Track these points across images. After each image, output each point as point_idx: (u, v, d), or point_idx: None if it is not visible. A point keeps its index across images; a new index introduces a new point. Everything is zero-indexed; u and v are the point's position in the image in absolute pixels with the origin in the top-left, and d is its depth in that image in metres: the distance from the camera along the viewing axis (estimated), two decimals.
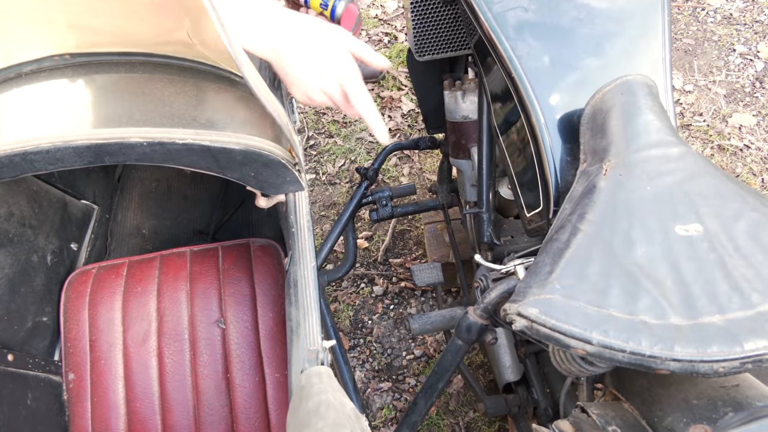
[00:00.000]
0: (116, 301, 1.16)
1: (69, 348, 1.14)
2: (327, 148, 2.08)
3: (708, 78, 2.07)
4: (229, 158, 0.84)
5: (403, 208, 1.54)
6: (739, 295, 0.66)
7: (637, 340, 0.63)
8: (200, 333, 1.14)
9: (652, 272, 0.69)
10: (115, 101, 0.87)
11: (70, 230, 1.30)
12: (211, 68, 0.94)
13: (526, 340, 1.16)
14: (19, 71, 0.92)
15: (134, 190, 1.56)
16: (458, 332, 0.95)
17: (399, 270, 1.75)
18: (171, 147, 0.81)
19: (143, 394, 1.11)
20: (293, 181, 0.91)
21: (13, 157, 0.78)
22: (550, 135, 0.91)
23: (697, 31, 2.22)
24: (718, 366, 0.62)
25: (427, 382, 1.01)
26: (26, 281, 1.11)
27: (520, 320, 0.69)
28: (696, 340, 0.63)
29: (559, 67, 0.91)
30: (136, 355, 1.13)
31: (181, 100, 0.89)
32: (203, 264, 1.20)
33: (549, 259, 0.74)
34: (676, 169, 0.76)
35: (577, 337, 0.65)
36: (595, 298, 0.68)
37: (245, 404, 1.10)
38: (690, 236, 0.71)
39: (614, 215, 0.74)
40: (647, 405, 0.75)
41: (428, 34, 1.28)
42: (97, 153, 0.79)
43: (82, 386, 1.12)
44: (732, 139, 1.88)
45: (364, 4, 2.58)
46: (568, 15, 0.92)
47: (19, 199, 1.15)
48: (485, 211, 1.22)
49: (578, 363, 0.76)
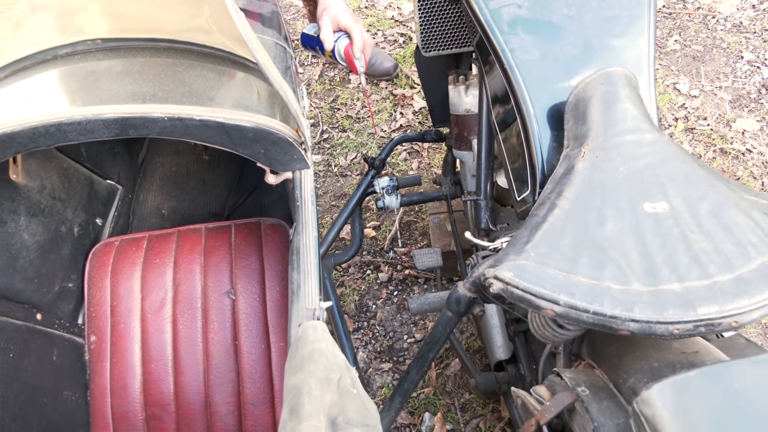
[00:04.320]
0: (136, 271, 1.25)
1: (92, 312, 1.23)
2: (340, 141, 2.16)
3: (714, 84, 2.11)
4: (242, 135, 0.93)
5: (408, 198, 1.62)
6: (697, 266, 0.72)
7: (600, 302, 0.70)
8: (212, 302, 1.22)
9: (619, 244, 0.75)
10: (140, 81, 0.96)
11: (95, 206, 1.40)
12: (227, 54, 1.03)
13: (515, 319, 1.23)
14: (56, 53, 1.02)
15: (156, 174, 1.66)
16: (448, 304, 1.02)
17: (404, 258, 1.82)
18: (189, 122, 0.89)
19: (158, 357, 1.19)
20: (299, 159, 0.99)
21: (49, 127, 0.87)
22: (538, 123, 0.98)
23: (706, 38, 2.26)
24: (673, 328, 0.68)
25: (420, 352, 1.08)
26: (55, 249, 1.21)
27: (496, 283, 0.76)
28: (654, 304, 0.69)
29: (549, 60, 0.98)
30: (153, 321, 1.21)
31: (199, 82, 0.98)
32: (217, 240, 1.29)
33: (527, 232, 0.81)
34: (648, 154, 0.83)
35: (546, 298, 0.72)
36: (565, 265, 0.74)
37: (251, 369, 1.18)
38: (657, 213, 0.77)
39: (589, 193, 0.81)
40: (615, 369, 0.81)
41: (434, 31, 1.36)
42: (123, 126, 0.88)
43: (102, 348, 1.21)
44: (734, 143, 1.92)
45: (381, 6, 2.67)
46: (559, 12, 0.99)
47: (51, 174, 1.25)
48: (483, 199, 1.28)
49: (552, 327, 0.83)
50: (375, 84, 2.35)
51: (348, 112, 2.26)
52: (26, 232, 1.14)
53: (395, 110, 2.24)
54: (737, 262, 0.72)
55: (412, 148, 2.11)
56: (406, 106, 2.24)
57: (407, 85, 2.31)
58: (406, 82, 2.31)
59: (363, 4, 2.70)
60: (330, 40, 1.21)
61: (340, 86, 2.37)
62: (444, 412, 1.51)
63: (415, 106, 2.24)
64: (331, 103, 2.31)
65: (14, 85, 0.98)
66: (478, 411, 1.50)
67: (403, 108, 2.24)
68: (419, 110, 2.23)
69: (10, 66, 1.00)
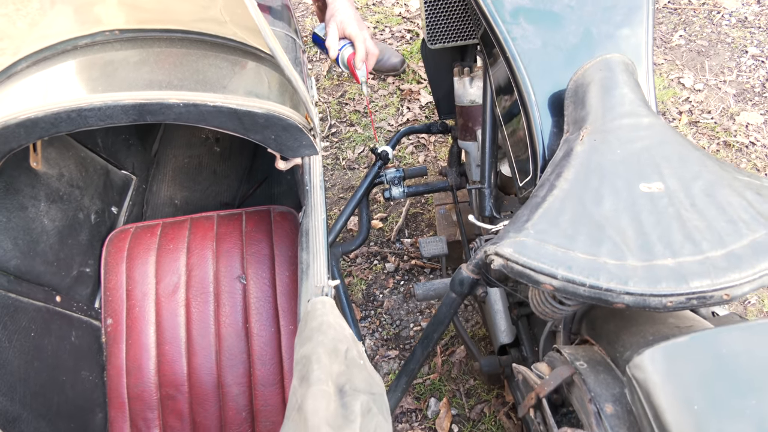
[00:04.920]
0: (151, 257, 1.30)
1: (108, 296, 1.28)
2: (348, 135, 2.20)
3: (719, 78, 2.13)
4: (253, 121, 0.96)
5: (415, 188, 1.65)
6: (691, 242, 0.75)
7: (596, 276, 0.73)
8: (224, 287, 1.26)
9: (615, 222, 0.78)
10: (156, 70, 1.00)
11: (111, 195, 1.44)
12: (239, 44, 1.07)
13: (518, 303, 1.26)
14: (76, 44, 1.06)
15: (168, 165, 1.70)
16: (452, 286, 1.05)
17: (410, 249, 1.85)
18: (203, 108, 0.93)
19: (172, 339, 1.23)
20: (309, 145, 1.03)
21: (71, 112, 0.91)
22: (539, 110, 1.01)
23: (711, 33, 2.28)
24: (666, 300, 0.71)
25: (424, 332, 1.11)
26: (73, 234, 1.26)
27: (497, 259, 0.79)
28: (648, 277, 0.72)
29: (550, 49, 1.01)
30: (167, 305, 1.26)
31: (213, 71, 1.02)
32: (228, 227, 1.33)
33: (527, 211, 0.84)
34: (645, 136, 0.86)
35: (545, 273, 0.75)
36: (563, 241, 0.78)
37: (262, 351, 1.22)
38: (652, 193, 0.80)
39: (587, 174, 0.84)
40: (612, 345, 0.84)
41: (439, 24, 1.39)
42: (141, 111, 0.92)
43: (118, 330, 1.25)
44: (738, 136, 1.94)
45: (389, 3, 2.70)
46: (560, 2, 1.02)
47: (69, 163, 1.30)
48: (487, 187, 1.32)
49: (551, 304, 0.86)
50: (383, 79, 2.38)
51: (356, 107, 2.30)
52: (46, 218, 1.18)
53: (402, 105, 2.27)
54: (729, 238, 0.74)
55: (418, 142, 2.14)
56: (413, 100, 2.28)
57: (414, 81, 2.34)
58: (413, 78, 2.35)
59: (371, 2, 2.73)
60: (334, 48, 1.24)
61: (348, 81, 2.41)
62: (449, 398, 1.54)
63: (421, 100, 2.27)
64: (339, 98, 2.34)
65: (36, 75, 1.02)
66: (483, 396, 1.53)
67: (410, 103, 2.27)
68: (426, 105, 2.26)
69: (32, 56, 1.04)
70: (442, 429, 1.49)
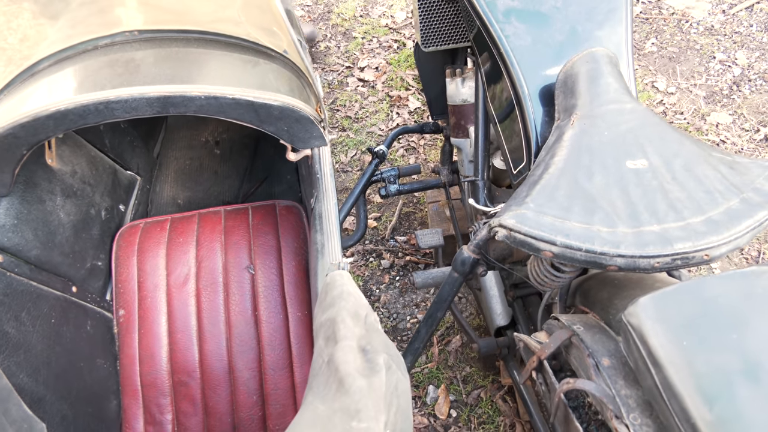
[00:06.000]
0: (161, 250, 1.35)
1: (120, 288, 1.32)
2: (340, 140, 2.27)
3: (690, 82, 2.26)
4: (268, 113, 1.03)
5: (409, 186, 1.73)
6: (673, 211, 0.84)
7: (591, 241, 0.82)
8: (233, 277, 1.32)
9: (606, 195, 0.87)
10: (176, 67, 1.06)
11: (119, 194, 1.49)
12: (252, 44, 1.14)
13: (514, 284, 1.34)
14: (96, 44, 1.12)
15: (170, 166, 1.75)
16: (454, 266, 1.13)
17: (405, 246, 1.92)
18: (223, 101, 1.00)
19: (183, 327, 1.28)
20: (318, 137, 1.10)
21: (98, 104, 0.97)
22: (532, 101, 1.10)
23: (681, 41, 2.42)
24: (654, 261, 0.80)
25: (428, 312, 1.18)
26: (86, 229, 1.30)
27: (501, 230, 0.87)
28: (637, 242, 0.81)
29: (540, 45, 1.10)
30: (178, 295, 1.31)
31: (229, 68, 1.09)
32: (236, 220, 1.39)
33: (526, 188, 0.92)
34: (629, 120, 0.95)
35: (545, 240, 0.83)
36: (560, 213, 0.86)
37: (271, 337, 1.27)
38: (637, 168, 0.89)
39: (579, 154, 0.93)
40: (605, 310, 0.92)
41: (432, 29, 1.48)
42: (164, 103, 0.99)
43: (130, 320, 1.29)
44: (710, 134, 2.06)
45: (375, 15, 2.80)
46: (547, 3, 1.12)
47: (81, 161, 1.35)
48: (480, 179, 1.40)
49: (550, 272, 0.94)
50: (373, 87, 2.47)
51: (347, 113, 2.38)
52: (62, 212, 1.23)
53: (392, 110, 2.36)
54: (707, 206, 0.84)
55: (408, 145, 2.23)
56: (402, 106, 2.37)
57: (402, 87, 2.43)
58: (402, 84, 2.44)
59: (359, 13, 2.83)
60: None
61: (339, 89, 2.49)
62: (447, 385, 1.60)
63: (410, 106, 2.36)
64: (330, 104, 2.42)
65: (59, 73, 1.08)
66: (479, 383, 1.60)
67: (399, 108, 2.36)
68: (414, 110, 2.35)
69: (54, 55, 1.10)
70: (442, 414, 1.55)
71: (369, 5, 2.87)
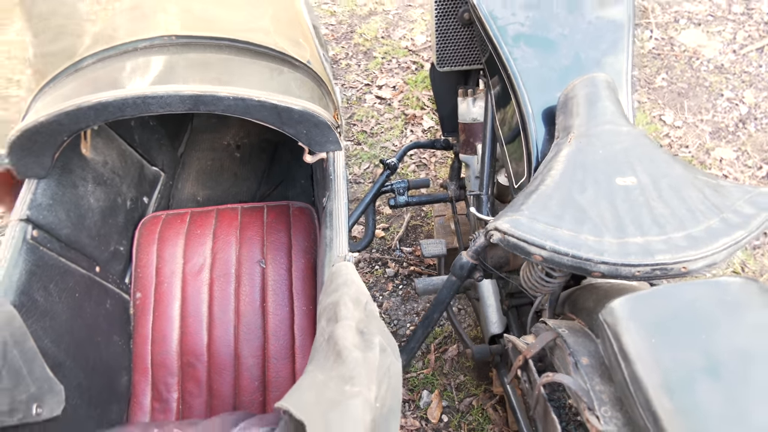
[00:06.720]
0: (179, 240, 1.43)
1: (138, 273, 1.40)
2: (355, 153, 2.36)
3: (697, 117, 2.33)
4: (290, 116, 1.12)
5: (417, 198, 1.81)
6: (657, 225, 0.91)
7: (578, 248, 0.89)
8: (245, 269, 1.40)
9: (595, 208, 0.94)
10: (208, 70, 1.16)
11: (144, 187, 1.59)
12: (278, 54, 1.23)
13: (509, 294, 1.40)
14: (136, 46, 1.22)
15: (193, 166, 1.85)
16: (453, 270, 1.20)
17: (410, 257, 2.00)
18: (249, 103, 1.09)
19: (195, 313, 1.36)
20: (334, 141, 1.19)
21: (136, 99, 1.06)
22: (534, 120, 1.17)
23: (690, 77, 2.50)
24: (635, 270, 0.87)
25: (426, 313, 1.25)
26: (112, 215, 1.39)
27: (496, 234, 0.94)
28: (621, 251, 0.88)
29: (545, 69, 1.18)
30: (192, 283, 1.39)
31: (256, 74, 1.18)
32: (251, 217, 1.47)
33: (522, 197, 1.00)
34: (623, 140, 1.02)
35: (535, 245, 0.90)
36: (552, 220, 0.93)
37: (276, 327, 1.34)
38: (626, 185, 0.96)
39: (573, 169, 1.00)
40: (590, 316, 0.99)
41: (448, 50, 1.57)
42: (196, 102, 1.08)
43: (146, 303, 1.38)
44: (713, 168, 2.13)
45: (396, 36, 2.92)
46: (554, 31, 1.20)
47: (112, 153, 1.45)
48: (485, 193, 1.47)
49: (540, 278, 1.01)
50: (389, 104, 2.57)
51: (363, 127, 2.47)
52: (92, 197, 1.32)
53: (406, 128, 2.45)
54: (688, 223, 0.90)
55: (420, 162, 2.31)
56: (416, 124, 2.46)
57: (417, 106, 2.53)
58: (417, 104, 2.54)
59: (380, 34, 2.95)
60: None
61: (357, 105, 2.59)
62: (441, 391, 1.66)
63: (424, 125, 2.45)
64: (348, 119, 2.52)
65: (101, 70, 1.18)
66: (472, 391, 1.65)
67: (413, 126, 2.45)
68: (428, 129, 2.44)
69: (97, 54, 1.20)
70: (434, 418, 1.60)
71: (391, 27, 2.99)
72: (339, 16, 3.08)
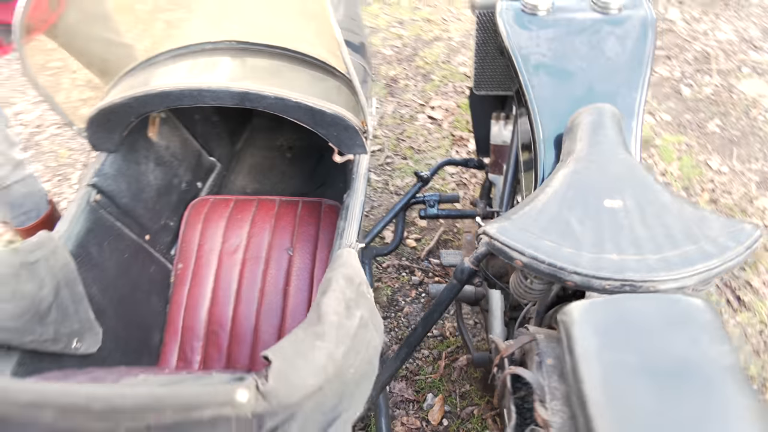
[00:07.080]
0: (222, 222, 1.60)
1: (183, 246, 1.58)
2: (400, 167, 2.50)
3: (745, 165, 2.31)
4: (322, 118, 1.27)
5: (447, 212, 1.91)
6: (634, 246, 0.98)
7: (555, 257, 0.97)
8: (274, 255, 1.55)
9: (581, 225, 1.02)
10: (258, 72, 1.33)
11: (199, 173, 1.78)
12: (321, 63, 1.39)
13: (512, 306, 1.47)
14: (203, 47, 1.42)
15: (247, 161, 2.04)
16: (454, 274, 1.29)
17: (436, 268, 2.09)
18: (288, 103, 1.24)
19: (226, 287, 1.52)
20: (361, 145, 1.32)
21: (193, 90, 1.24)
22: (545, 145, 1.26)
23: (745, 126, 2.47)
24: (605, 283, 0.94)
25: (427, 312, 1.35)
26: (167, 194, 1.59)
27: (485, 237, 1.04)
28: (595, 265, 0.95)
29: (560, 98, 1.27)
30: (227, 260, 1.55)
31: (298, 80, 1.34)
32: (286, 209, 1.62)
33: (516, 209, 1.09)
34: (618, 167, 1.09)
35: (517, 250, 0.99)
36: (537, 231, 1.01)
37: (295, 309, 1.48)
38: (613, 207, 1.04)
39: (567, 189, 1.08)
40: None
41: (485, 75, 1.68)
42: (242, 98, 1.24)
43: (185, 274, 1.55)
44: (753, 218, 2.10)
45: (455, 62, 3.05)
46: (573, 63, 1.29)
47: (175, 140, 1.65)
48: (503, 211, 1.56)
49: (525, 285, 1.09)
50: (439, 125, 2.69)
51: (411, 144, 2.61)
52: (152, 175, 1.52)
53: (452, 148, 2.56)
54: (665, 247, 0.97)
55: (460, 181, 2.41)
56: (462, 145, 2.56)
57: (466, 129, 2.64)
58: (466, 126, 2.65)
59: (441, 59, 3.09)
60: None
61: (409, 122, 2.73)
62: (445, 396, 1.73)
63: (469, 147, 2.55)
64: (398, 134, 2.66)
65: (172, 65, 1.37)
66: (475, 401, 1.72)
67: (459, 147, 2.56)
68: (473, 150, 2.54)
69: (170, 52, 1.40)
70: (434, 420, 1.68)
71: (452, 53, 3.12)
72: (405, 39, 3.25)
